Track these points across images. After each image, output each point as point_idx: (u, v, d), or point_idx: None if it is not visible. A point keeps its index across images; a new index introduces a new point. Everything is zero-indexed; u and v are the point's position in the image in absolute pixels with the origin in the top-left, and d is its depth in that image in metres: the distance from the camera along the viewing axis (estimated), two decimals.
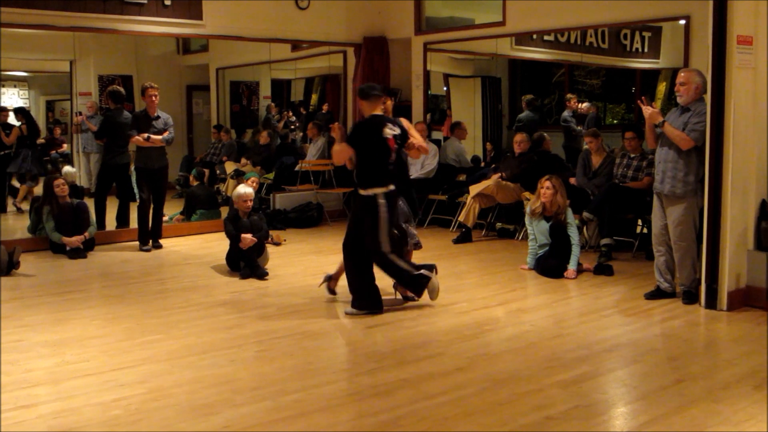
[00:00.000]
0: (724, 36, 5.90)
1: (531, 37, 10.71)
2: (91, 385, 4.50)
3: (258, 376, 4.71)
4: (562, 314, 6.20)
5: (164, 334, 5.57)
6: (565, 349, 5.21)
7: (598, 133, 8.85)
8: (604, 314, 6.16)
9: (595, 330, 5.69)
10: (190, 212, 10.23)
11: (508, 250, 8.85)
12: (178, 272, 7.82)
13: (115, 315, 6.10)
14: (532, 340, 5.43)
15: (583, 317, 6.07)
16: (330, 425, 3.99)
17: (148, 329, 5.69)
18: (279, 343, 5.33)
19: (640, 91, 11.08)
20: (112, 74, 11.88)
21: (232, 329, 5.68)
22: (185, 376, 4.68)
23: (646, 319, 6.04)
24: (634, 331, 5.69)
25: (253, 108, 13.79)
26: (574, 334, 5.60)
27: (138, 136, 8.70)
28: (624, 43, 10.45)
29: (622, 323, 5.91)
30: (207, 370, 4.77)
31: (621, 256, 8.17)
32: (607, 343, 5.37)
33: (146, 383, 4.54)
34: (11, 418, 4.05)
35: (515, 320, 6.01)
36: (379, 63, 11.21)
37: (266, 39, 10.61)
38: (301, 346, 5.31)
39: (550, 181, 7.52)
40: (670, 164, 6.23)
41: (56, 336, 5.51)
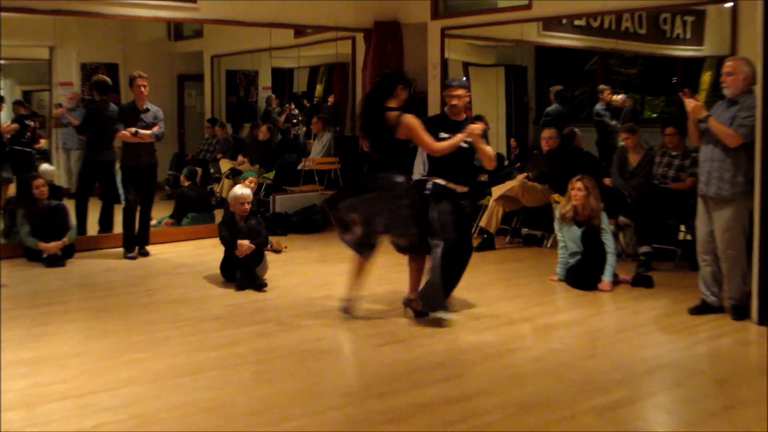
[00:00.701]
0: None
1: (560, 22, 10.70)
2: (68, 410, 4.47)
3: (256, 400, 4.68)
4: (597, 331, 6.15)
5: (151, 352, 5.54)
6: (600, 371, 5.16)
7: (636, 129, 8.83)
8: (644, 331, 6.12)
9: (633, 349, 5.65)
10: (181, 216, 10.24)
11: (535, 258, 8.81)
12: (167, 283, 7.81)
13: (97, 330, 6.08)
14: (562, 361, 5.39)
15: (619, 335, 6.03)
16: None
17: (133, 347, 5.66)
18: (279, 363, 5.31)
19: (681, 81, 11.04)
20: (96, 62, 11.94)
21: (226, 347, 5.64)
22: (174, 399, 4.65)
23: (691, 336, 5.98)
24: (678, 351, 5.64)
25: (252, 100, 13.84)
26: (609, 353, 5.55)
27: (125, 130, 8.70)
28: (664, 29, 10.43)
29: (664, 341, 5.87)
30: (198, 393, 4.74)
31: (662, 266, 8.11)
32: (646, 364, 5.32)
33: (130, 407, 4.51)
34: None
35: (544, 338, 5.97)
36: (392, 50, 11.21)
37: (266, 24, 10.62)
38: (304, 366, 5.27)
39: (581, 182, 7.49)
40: (717, 163, 6.18)
41: (31, 354, 5.48)
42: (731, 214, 6.18)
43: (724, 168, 6.14)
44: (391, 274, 8.03)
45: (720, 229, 6.24)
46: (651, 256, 7.87)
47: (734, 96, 6.15)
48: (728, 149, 6.12)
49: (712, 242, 6.34)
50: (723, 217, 6.21)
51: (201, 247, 9.49)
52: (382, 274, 7.91)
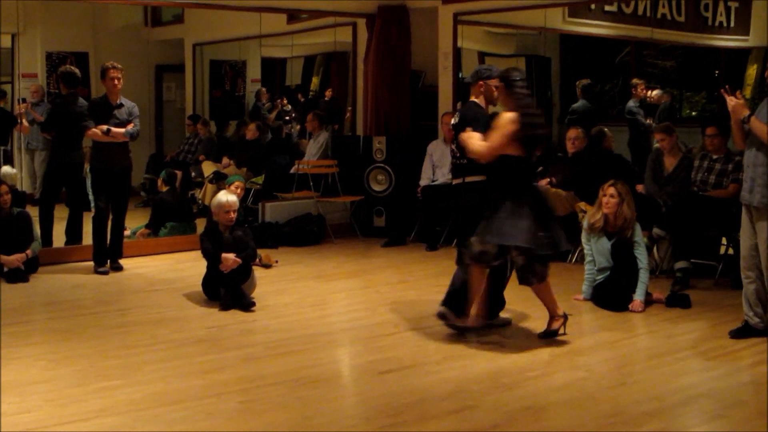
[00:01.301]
0: None
1: (589, 8, 10.76)
2: None
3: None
4: (627, 357, 6.18)
5: (125, 379, 5.58)
6: (630, 402, 5.20)
7: (672, 129, 8.85)
8: (679, 357, 6.14)
9: (667, 377, 5.68)
10: (159, 225, 10.29)
11: (558, 275, 8.78)
12: (142, 301, 7.85)
13: (64, 354, 6.12)
14: (588, 390, 5.42)
15: (652, 361, 6.07)
16: None
17: (104, 373, 5.70)
18: (268, 392, 5.34)
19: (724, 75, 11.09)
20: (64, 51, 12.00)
21: (209, 374, 5.68)
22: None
23: (732, 363, 6.02)
24: (717, 379, 5.67)
25: (239, 94, 13.89)
26: (640, 382, 5.59)
27: (95, 128, 8.75)
28: (705, 16, 10.49)
29: (702, 368, 5.90)
30: (178, 426, 4.78)
31: (700, 283, 8.17)
32: (682, 394, 5.36)
33: None
34: None
35: (567, 364, 6.00)
36: (398, 38, 11.26)
37: (256, 8, 10.69)
38: (296, 395, 5.30)
39: (614, 188, 7.52)
40: (761, 169, 6.20)
41: None
42: None
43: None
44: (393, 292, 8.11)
45: (765, 242, 6.26)
46: (688, 272, 7.92)
47: None
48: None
49: (757, 257, 6.36)
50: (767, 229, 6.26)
51: (181, 260, 9.54)
52: (385, 292, 7.99)
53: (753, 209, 6.32)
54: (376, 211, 10.90)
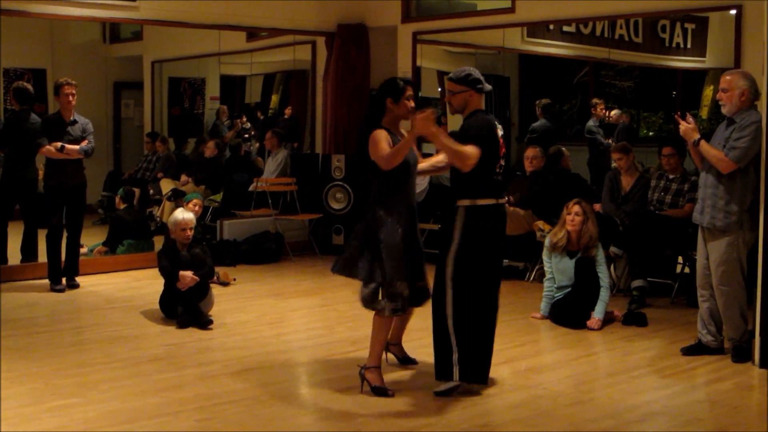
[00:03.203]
0: None
1: (547, 28, 10.84)
2: None
3: None
4: (583, 375, 6.24)
5: (81, 397, 5.56)
6: (587, 419, 5.24)
7: (629, 148, 8.92)
8: (636, 375, 6.21)
9: (624, 395, 5.74)
10: (116, 243, 10.24)
11: (516, 294, 8.89)
12: (98, 319, 7.82)
13: (18, 372, 6.07)
14: (545, 408, 5.46)
15: (609, 378, 6.13)
16: None
17: (60, 391, 5.67)
18: (225, 410, 5.33)
19: (681, 96, 11.23)
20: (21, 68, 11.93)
21: (166, 392, 5.67)
22: None
23: (688, 381, 6.10)
24: (673, 396, 5.74)
25: (198, 112, 13.87)
26: (597, 399, 5.65)
27: (49, 145, 8.71)
28: (662, 37, 10.59)
29: (658, 386, 5.96)
30: None
31: (657, 302, 8.25)
32: (639, 411, 5.42)
33: None
34: None
35: (524, 383, 6.04)
36: (357, 57, 11.31)
37: (215, 26, 10.70)
38: (253, 414, 5.30)
39: (579, 206, 7.60)
40: (710, 190, 6.32)
41: None
42: (726, 246, 6.29)
43: (717, 195, 6.26)
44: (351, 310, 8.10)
45: (714, 263, 6.36)
46: (645, 291, 8.00)
47: (732, 114, 6.27)
48: (722, 175, 6.23)
49: (710, 276, 6.46)
50: (717, 250, 6.33)
51: (138, 278, 9.50)
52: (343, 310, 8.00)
53: (705, 230, 6.43)
54: (335, 229, 10.91)
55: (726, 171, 6.19)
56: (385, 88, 5.88)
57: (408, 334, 6.29)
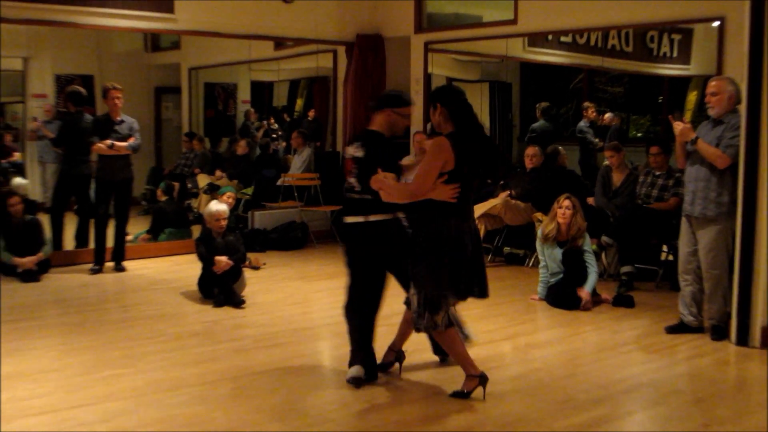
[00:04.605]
0: (762, 40, 6.00)
1: (546, 38, 10.81)
2: (46, 425, 4.56)
3: (233, 416, 4.77)
4: (577, 350, 6.28)
5: (128, 368, 5.63)
6: (580, 390, 5.29)
7: (620, 147, 8.93)
8: (623, 351, 6.25)
9: (612, 368, 5.77)
10: (158, 231, 10.31)
11: (516, 278, 8.93)
12: (143, 299, 7.89)
13: (73, 346, 6.17)
14: (542, 380, 5.52)
15: (599, 354, 6.16)
16: None
17: (109, 362, 5.75)
18: (257, 380, 5.40)
19: (667, 101, 11.22)
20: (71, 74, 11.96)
21: (204, 363, 5.74)
22: (151, 415, 4.74)
23: (670, 356, 6.13)
24: (657, 370, 5.77)
25: (230, 114, 13.88)
26: (589, 372, 5.69)
27: (101, 143, 8.79)
28: (650, 47, 10.56)
29: (644, 361, 6.01)
30: (176, 409, 4.84)
31: (643, 286, 8.26)
32: (626, 383, 5.46)
33: (108, 423, 4.60)
34: None
35: (524, 357, 6.10)
36: (374, 64, 11.32)
37: (246, 36, 10.71)
38: (282, 383, 5.37)
39: (570, 200, 7.64)
40: (702, 183, 6.34)
41: (6, 369, 5.54)
42: (715, 234, 6.32)
43: (709, 188, 6.29)
44: None
45: (704, 249, 6.38)
46: (633, 276, 8.03)
47: (719, 116, 6.29)
48: (714, 170, 6.25)
49: (693, 262, 6.49)
50: (707, 237, 6.36)
51: (178, 262, 9.58)
52: None
53: (693, 219, 6.44)
54: None
55: (723, 166, 6.22)
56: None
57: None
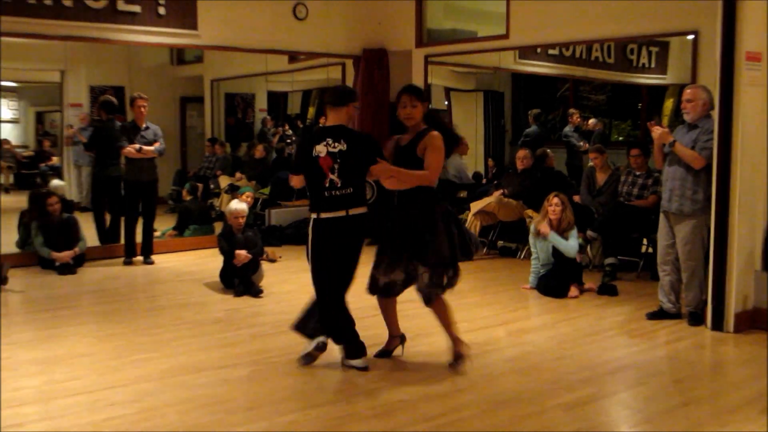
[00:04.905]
0: (733, 52, 5.98)
1: (535, 51, 10.80)
2: (81, 405, 4.54)
3: (252, 396, 4.75)
4: (565, 335, 6.23)
5: (156, 352, 5.60)
6: (568, 371, 5.25)
7: (603, 149, 8.93)
8: (608, 335, 6.21)
9: (598, 351, 5.74)
10: (183, 228, 10.29)
11: (509, 269, 8.89)
12: (170, 289, 7.86)
13: (106, 332, 6.14)
14: (534, 361, 5.48)
15: (586, 338, 6.11)
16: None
17: (139, 347, 5.73)
18: (274, 363, 5.36)
19: (646, 107, 11.18)
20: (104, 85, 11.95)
21: (225, 348, 5.71)
22: (177, 395, 4.71)
23: (651, 340, 6.09)
24: (639, 353, 5.73)
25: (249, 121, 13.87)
26: (577, 355, 5.64)
27: (130, 147, 8.77)
28: (630, 59, 10.55)
29: (627, 344, 5.96)
30: (200, 390, 4.81)
31: (626, 276, 8.22)
32: (610, 365, 5.42)
33: (138, 403, 4.57)
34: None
35: (517, 341, 6.06)
36: (379, 76, 11.28)
37: (263, 50, 10.68)
38: (296, 366, 5.32)
39: (558, 197, 7.60)
40: (678, 182, 6.30)
41: (45, 354, 5.54)
42: (691, 228, 6.29)
43: (685, 186, 6.25)
44: None
45: (681, 242, 6.35)
46: (616, 267, 7.98)
47: (694, 121, 6.26)
48: (690, 169, 6.23)
49: (671, 254, 6.46)
50: (684, 231, 6.32)
51: (202, 256, 9.54)
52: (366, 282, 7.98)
53: (671, 215, 6.41)
54: None
55: (699, 167, 6.18)
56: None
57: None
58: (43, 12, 8.54)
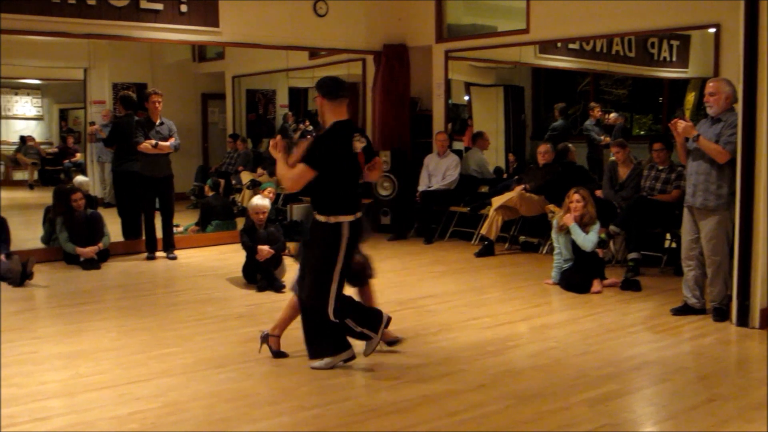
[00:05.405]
0: (756, 45, 5.89)
1: (555, 46, 10.74)
2: (106, 399, 4.55)
3: (275, 390, 4.74)
4: (588, 330, 6.17)
5: (179, 347, 5.61)
6: (592, 367, 5.20)
7: (625, 144, 8.85)
8: (632, 331, 6.15)
9: (622, 347, 5.68)
10: (206, 223, 10.30)
11: (531, 264, 8.84)
12: (193, 284, 7.87)
13: (130, 327, 6.15)
14: (557, 357, 5.43)
15: (609, 334, 6.05)
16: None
17: (163, 342, 5.73)
18: (297, 357, 5.34)
19: (667, 101, 11.08)
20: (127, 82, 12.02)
21: (248, 343, 5.69)
22: (201, 389, 4.72)
23: (675, 336, 6.02)
24: (663, 349, 5.67)
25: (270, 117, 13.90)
26: (600, 351, 5.59)
27: (146, 142, 8.77)
28: (651, 52, 10.46)
29: (651, 340, 5.90)
30: (223, 384, 4.81)
31: (649, 271, 8.13)
32: (634, 361, 5.36)
33: (162, 397, 4.58)
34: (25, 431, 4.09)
35: (540, 336, 6.01)
36: (399, 71, 11.25)
37: (283, 46, 10.69)
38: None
39: (578, 193, 7.54)
40: (702, 177, 6.23)
41: (70, 348, 5.56)
42: (716, 223, 6.21)
43: (709, 181, 6.18)
44: (397, 277, 8.11)
45: (705, 237, 6.27)
46: (639, 262, 7.90)
47: (717, 114, 6.18)
48: (714, 164, 6.15)
49: (695, 249, 6.38)
50: (708, 226, 6.24)
51: (224, 251, 9.55)
52: (390, 277, 7.98)
53: (695, 210, 6.33)
54: (383, 212, 10.88)
55: (723, 161, 6.10)
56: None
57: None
58: (66, 10, 8.58)
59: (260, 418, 4.28)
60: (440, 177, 10.34)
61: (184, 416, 4.30)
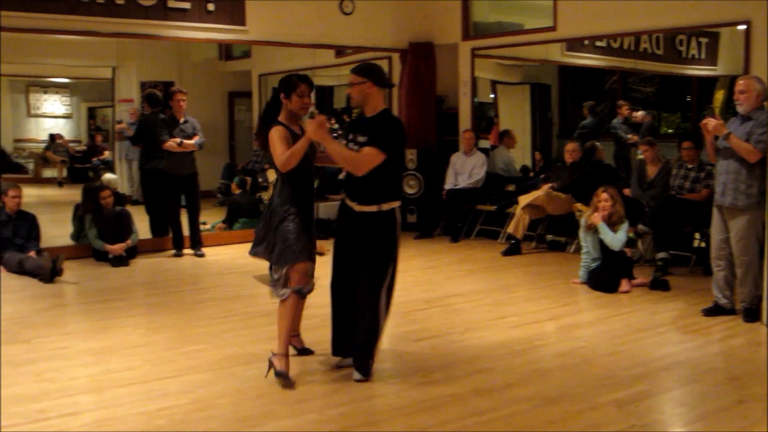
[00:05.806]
0: None
1: (582, 43, 10.68)
2: (135, 394, 4.58)
3: (303, 388, 4.74)
4: (617, 330, 6.12)
5: (207, 343, 5.63)
6: (620, 367, 5.16)
7: (654, 142, 8.77)
8: (661, 331, 6.09)
9: (651, 347, 5.63)
10: (233, 221, 10.34)
11: (559, 263, 8.79)
12: (220, 281, 7.90)
13: (158, 324, 6.20)
14: (585, 357, 5.39)
15: (638, 334, 6.00)
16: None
17: (191, 338, 5.77)
18: (323, 355, 5.34)
19: (696, 99, 10.98)
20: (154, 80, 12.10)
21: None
22: (229, 386, 4.73)
23: (705, 337, 5.96)
24: (692, 349, 5.61)
25: None
26: (629, 351, 5.54)
27: (171, 140, 8.81)
28: (679, 50, 10.37)
29: (680, 341, 5.84)
30: (251, 381, 4.82)
31: (678, 270, 8.05)
32: (663, 361, 5.31)
33: (190, 393, 4.60)
34: (54, 426, 4.14)
35: (568, 336, 5.97)
36: (425, 69, 11.23)
37: (310, 45, 10.70)
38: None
39: (607, 192, 7.48)
40: (732, 176, 6.16)
41: (100, 344, 5.60)
42: (746, 223, 6.14)
43: (739, 180, 6.11)
44: (424, 275, 8.09)
45: (735, 237, 6.20)
46: (668, 261, 7.83)
47: (747, 112, 6.11)
48: (744, 163, 6.07)
49: (725, 249, 6.31)
50: (738, 226, 6.17)
51: None
52: (417, 275, 7.97)
53: (725, 209, 6.26)
54: (409, 210, 10.86)
55: (754, 160, 6.03)
56: (280, 84, 5.02)
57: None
58: (95, 10, 8.63)
59: (287, 416, 4.30)
60: (467, 175, 10.31)
61: (212, 412, 4.32)
